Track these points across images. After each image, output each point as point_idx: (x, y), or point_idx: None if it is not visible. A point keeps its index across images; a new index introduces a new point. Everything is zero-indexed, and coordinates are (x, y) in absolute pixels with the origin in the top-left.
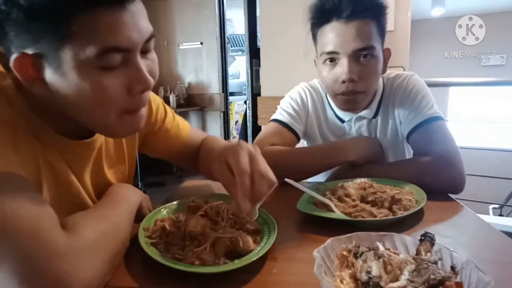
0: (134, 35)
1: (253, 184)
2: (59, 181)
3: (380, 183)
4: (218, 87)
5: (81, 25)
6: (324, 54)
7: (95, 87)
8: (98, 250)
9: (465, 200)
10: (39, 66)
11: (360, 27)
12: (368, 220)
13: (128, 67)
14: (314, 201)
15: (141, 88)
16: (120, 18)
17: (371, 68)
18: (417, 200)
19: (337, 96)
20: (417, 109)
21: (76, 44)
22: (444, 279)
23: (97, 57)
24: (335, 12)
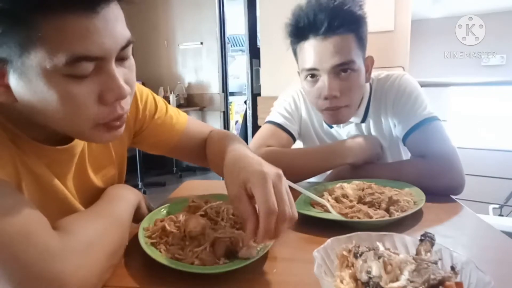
0: (107, 43)
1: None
2: (41, 185)
3: (379, 184)
4: (218, 87)
5: (47, 30)
6: (304, 71)
7: (62, 96)
8: (93, 248)
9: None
10: (3, 72)
11: (338, 42)
12: (364, 221)
13: (101, 75)
14: (311, 202)
15: (114, 97)
16: (92, 24)
17: (352, 83)
18: (416, 201)
19: (322, 112)
20: (411, 111)
21: (42, 51)
22: (444, 279)
23: (66, 65)
24: (311, 29)
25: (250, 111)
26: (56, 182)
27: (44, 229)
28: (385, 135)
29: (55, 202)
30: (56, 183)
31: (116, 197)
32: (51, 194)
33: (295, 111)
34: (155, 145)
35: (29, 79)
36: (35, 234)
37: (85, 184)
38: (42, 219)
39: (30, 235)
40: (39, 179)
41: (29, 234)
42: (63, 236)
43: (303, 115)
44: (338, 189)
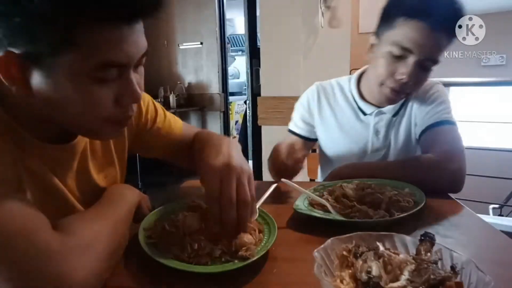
0: (132, 51)
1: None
2: (42, 185)
3: (379, 184)
4: (218, 87)
5: (83, 36)
6: (396, 46)
7: (85, 97)
8: (94, 248)
9: (465, 200)
10: (25, 66)
11: (441, 39)
12: (363, 221)
13: (121, 80)
14: (311, 201)
15: (130, 101)
16: (123, 35)
17: (426, 76)
18: (416, 201)
19: (384, 88)
20: (434, 111)
21: (74, 54)
22: (444, 279)
23: (94, 69)
24: (431, 15)
25: (250, 111)
26: (56, 182)
27: (44, 229)
28: (403, 134)
29: (55, 202)
30: (57, 183)
31: (117, 196)
32: (51, 195)
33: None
34: (153, 149)
35: (55, 77)
36: (36, 233)
37: (87, 183)
38: (43, 219)
39: (30, 235)
40: (40, 179)
41: (29, 233)
42: (63, 236)
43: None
44: (338, 189)
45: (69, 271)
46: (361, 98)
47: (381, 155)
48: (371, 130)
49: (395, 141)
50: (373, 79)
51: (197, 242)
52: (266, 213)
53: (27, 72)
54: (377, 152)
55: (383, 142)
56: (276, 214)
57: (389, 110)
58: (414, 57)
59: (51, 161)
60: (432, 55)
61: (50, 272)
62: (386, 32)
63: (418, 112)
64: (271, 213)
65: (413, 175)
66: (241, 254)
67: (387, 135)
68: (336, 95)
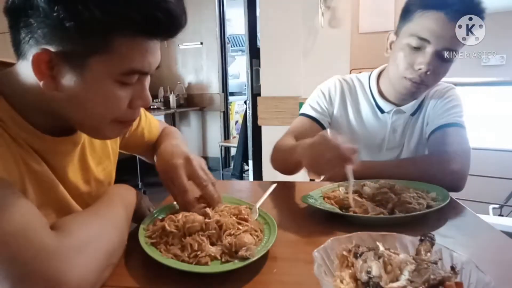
0: (154, 62)
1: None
2: (42, 184)
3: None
4: (218, 87)
5: (120, 44)
6: (414, 37)
7: (108, 97)
8: (91, 247)
9: (465, 200)
10: (55, 64)
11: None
12: (356, 215)
13: (137, 85)
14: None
15: (142, 104)
16: (150, 47)
17: (446, 68)
18: (431, 205)
19: (404, 80)
20: (446, 113)
21: (107, 59)
22: (444, 279)
23: (121, 74)
24: (447, 5)
25: (250, 111)
26: (55, 182)
27: (41, 228)
28: (417, 133)
29: (54, 202)
30: (55, 183)
31: (115, 197)
32: (50, 194)
33: (329, 103)
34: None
35: (84, 76)
36: (33, 233)
37: (87, 176)
38: (41, 219)
39: (28, 234)
40: (39, 178)
41: (27, 233)
42: (60, 236)
43: (337, 107)
44: (358, 186)
45: (65, 271)
46: (380, 96)
47: (395, 154)
48: (388, 128)
49: (409, 140)
50: (393, 73)
51: (197, 242)
52: (266, 213)
53: (58, 69)
54: (392, 150)
55: (399, 141)
56: (276, 214)
57: (408, 109)
58: (432, 47)
59: (51, 156)
60: (450, 45)
61: (47, 272)
62: (404, 27)
63: (431, 113)
64: (271, 213)
65: (414, 173)
66: (241, 254)
67: (404, 133)
68: (357, 91)
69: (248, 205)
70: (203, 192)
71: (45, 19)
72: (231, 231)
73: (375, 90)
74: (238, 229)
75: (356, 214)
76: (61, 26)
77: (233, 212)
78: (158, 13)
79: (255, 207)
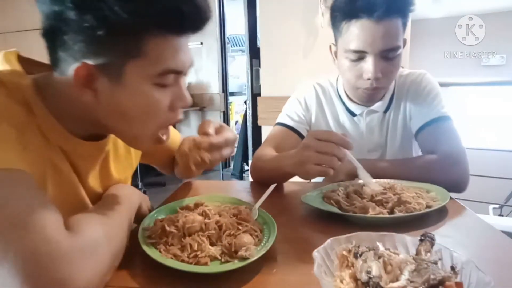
0: (187, 60)
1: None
2: (62, 182)
3: (405, 185)
4: (218, 87)
5: (151, 45)
6: (349, 51)
7: (149, 101)
8: (99, 251)
9: (465, 200)
10: (95, 75)
11: (389, 27)
12: (356, 215)
13: (175, 87)
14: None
15: (182, 105)
16: (181, 44)
17: (395, 66)
18: (431, 205)
19: (358, 90)
20: (429, 107)
21: (142, 61)
22: (444, 279)
23: (158, 76)
24: (366, 9)
25: (250, 111)
26: (75, 180)
27: (58, 227)
28: (398, 131)
29: (70, 199)
30: (75, 181)
31: (121, 198)
32: (68, 191)
33: (306, 111)
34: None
35: (123, 84)
36: (50, 229)
37: (106, 181)
38: (58, 218)
39: (45, 230)
40: (61, 175)
41: (45, 228)
42: (72, 236)
43: (314, 113)
44: (357, 186)
45: (74, 274)
46: (349, 99)
47: (378, 155)
48: (364, 130)
49: (392, 138)
50: (347, 86)
51: (197, 242)
52: (266, 213)
53: (97, 82)
54: (374, 152)
55: (378, 141)
56: (276, 214)
57: (379, 107)
58: (371, 54)
59: (76, 158)
60: (388, 45)
61: (57, 273)
62: (339, 40)
63: (412, 106)
64: (271, 213)
65: (417, 175)
66: (241, 254)
67: (382, 132)
68: (331, 95)
69: (248, 205)
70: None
71: (79, 33)
72: (230, 231)
73: (343, 93)
74: (237, 229)
75: (356, 214)
76: (94, 37)
77: (233, 212)
78: (184, 7)
79: (255, 207)
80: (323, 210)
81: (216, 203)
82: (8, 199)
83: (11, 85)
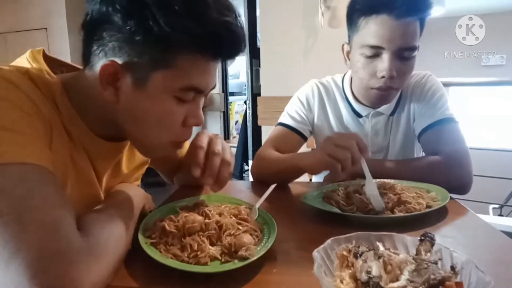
0: (211, 83)
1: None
2: (82, 180)
3: (405, 185)
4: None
5: (180, 61)
6: (366, 47)
7: (165, 111)
8: (106, 253)
9: (465, 200)
10: (120, 75)
11: (408, 25)
12: (356, 215)
13: (192, 104)
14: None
15: (195, 123)
16: (210, 67)
17: (410, 66)
18: (431, 205)
19: (370, 90)
20: (434, 108)
21: (169, 74)
22: (444, 279)
23: (179, 90)
24: (387, 6)
25: (250, 111)
26: (94, 179)
27: (71, 226)
28: (400, 133)
29: (87, 197)
30: (94, 180)
31: (128, 200)
32: (87, 189)
33: (308, 110)
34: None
35: (146, 89)
36: (64, 229)
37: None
38: (72, 214)
39: (59, 229)
40: (81, 173)
41: (59, 227)
42: (83, 237)
43: (316, 113)
44: (357, 185)
45: (81, 276)
46: (355, 100)
47: (381, 156)
48: (369, 131)
49: (393, 140)
50: (359, 84)
51: (197, 242)
52: (266, 213)
53: (122, 81)
54: (378, 154)
55: (382, 143)
56: (276, 214)
57: (386, 110)
58: (387, 51)
59: (96, 156)
60: (405, 44)
61: (65, 273)
62: (354, 37)
63: (416, 107)
64: (271, 213)
65: (420, 176)
66: (241, 254)
67: (386, 135)
68: (335, 94)
69: (248, 205)
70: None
71: (117, 33)
72: (230, 231)
73: (349, 94)
74: (237, 229)
75: (356, 214)
76: (131, 40)
77: (233, 212)
78: (224, 35)
79: (255, 207)
80: (323, 210)
81: (216, 203)
82: (27, 196)
83: (40, 82)
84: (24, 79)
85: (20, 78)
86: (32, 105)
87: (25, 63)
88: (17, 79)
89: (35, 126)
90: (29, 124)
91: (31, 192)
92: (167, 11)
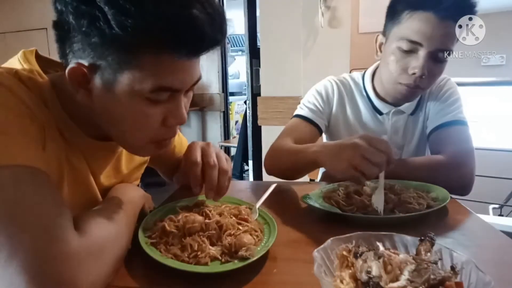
0: (187, 79)
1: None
2: (78, 181)
3: (405, 185)
4: (218, 87)
5: (147, 61)
6: (404, 40)
7: (137, 115)
8: (105, 253)
9: (465, 200)
10: (90, 78)
11: (450, 27)
12: (356, 215)
13: (170, 103)
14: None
15: (176, 122)
16: (182, 64)
17: (441, 69)
18: (431, 205)
19: (398, 85)
20: (447, 110)
21: (135, 74)
22: (444, 279)
23: (150, 91)
24: (436, 4)
25: (250, 111)
26: (91, 179)
27: (68, 227)
28: (419, 131)
29: (84, 198)
30: (91, 181)
31: (127, 199)
32: (83, 190)
33: (326, 104)
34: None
35: (114, 91)
36: (59, 230)
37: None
38: (69, 217)
39: (55, 230)
40: (77, 174)
41: (54, 229)
42: (81, 237)
43: (334, 108)
44: (357, 185)
45: (80, 276)
46: (377, 97)
47: (398, 155)
48: (389, 129)
49: (409, 140)
50: (386, 78)
51: (197, 242)
52: (266, 213)
53: (92, 83)
54: (396, 152)
55: (400, 142)
56: (276, 214)
57: (407, 108)
58: (424, 49)
59: (91, 157)
60: (443, 46)
61: (63, 275)
62: (393, 29)
63: (432, 108)
64: (271, 213)
65: (422, 175)
66: (241, 254)
67: (405, 134)
68: (354, 91)
69: (248, 205)
70: (205, 173)
71: (78, 35)
72: (231, 231)
73: (370, 91)
74: (238, 229)
75: (356, 214)
76: (89, 42)
77: (233, 212)
78: (183, 28)
79: (255, 207)
80: (323, 210)
81: (216, 203)
82: (21, 197)
83: (30, 83)
84: (15, 81)
85: (11, 79)
86: (24, 106)
87: (16, 64)
88: (8, 80)
89: (28, 128)
90: (21, 126)
91: (24, 194)
92: (117, 10)
